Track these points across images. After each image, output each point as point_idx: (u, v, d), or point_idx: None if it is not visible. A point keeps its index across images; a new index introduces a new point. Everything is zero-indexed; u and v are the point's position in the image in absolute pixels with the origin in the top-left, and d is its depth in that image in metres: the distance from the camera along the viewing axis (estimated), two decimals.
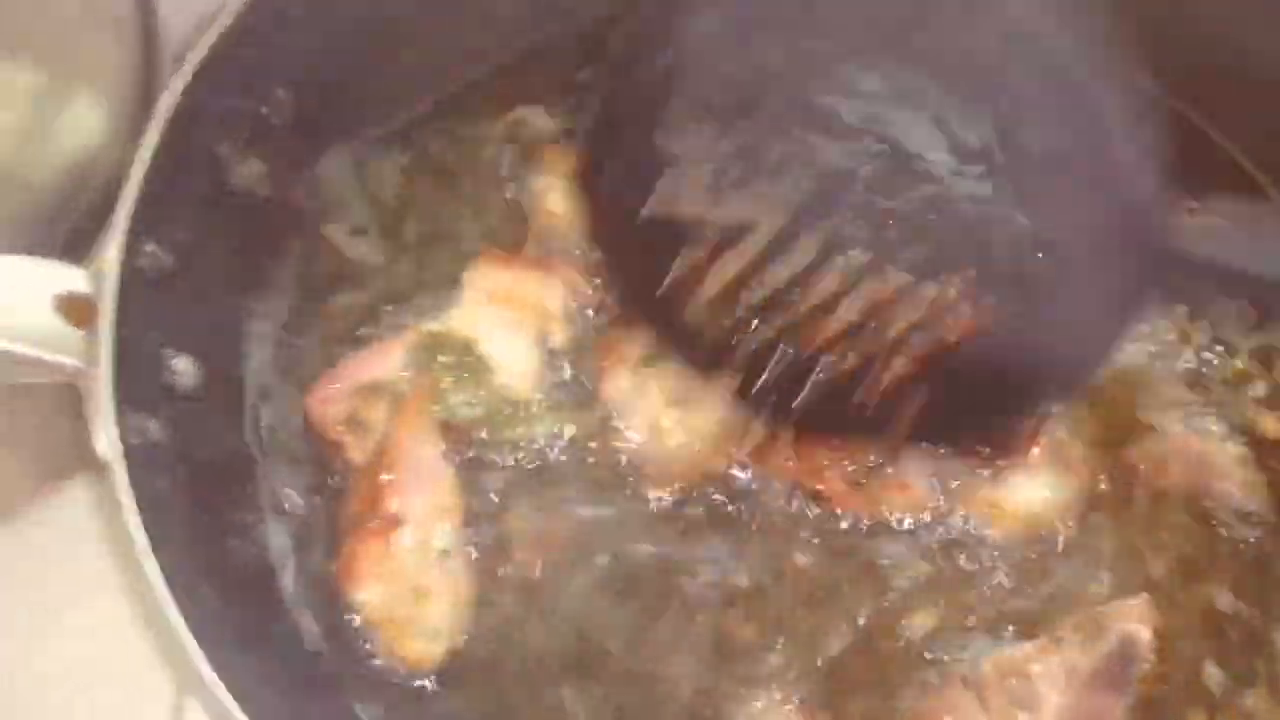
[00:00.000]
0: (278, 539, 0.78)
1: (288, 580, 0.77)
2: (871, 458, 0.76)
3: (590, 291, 0.82)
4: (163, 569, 0.64)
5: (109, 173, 0.87)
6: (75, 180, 0.85)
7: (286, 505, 0.79)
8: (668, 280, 0.73)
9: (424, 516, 0.75)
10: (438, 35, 0.87)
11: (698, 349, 0.74)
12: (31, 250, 0.81)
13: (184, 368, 0.73)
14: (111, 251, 0.69)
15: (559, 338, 0.81)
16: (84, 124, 0.87)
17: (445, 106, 0.90)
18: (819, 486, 0.76)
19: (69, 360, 0.68)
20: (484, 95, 0.90)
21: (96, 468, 0.75)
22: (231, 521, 0.75)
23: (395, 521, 0.74)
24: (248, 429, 0.80)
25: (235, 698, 0.63)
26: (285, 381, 0.81)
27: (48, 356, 0.67)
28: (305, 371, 0.81)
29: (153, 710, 0.84)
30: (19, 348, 0.66)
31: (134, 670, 0.84)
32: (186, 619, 0.63)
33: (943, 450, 0.76)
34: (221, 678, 0.63)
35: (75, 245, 0.83)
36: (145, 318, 0.70)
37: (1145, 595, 0.75)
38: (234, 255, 0.79)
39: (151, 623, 0.83)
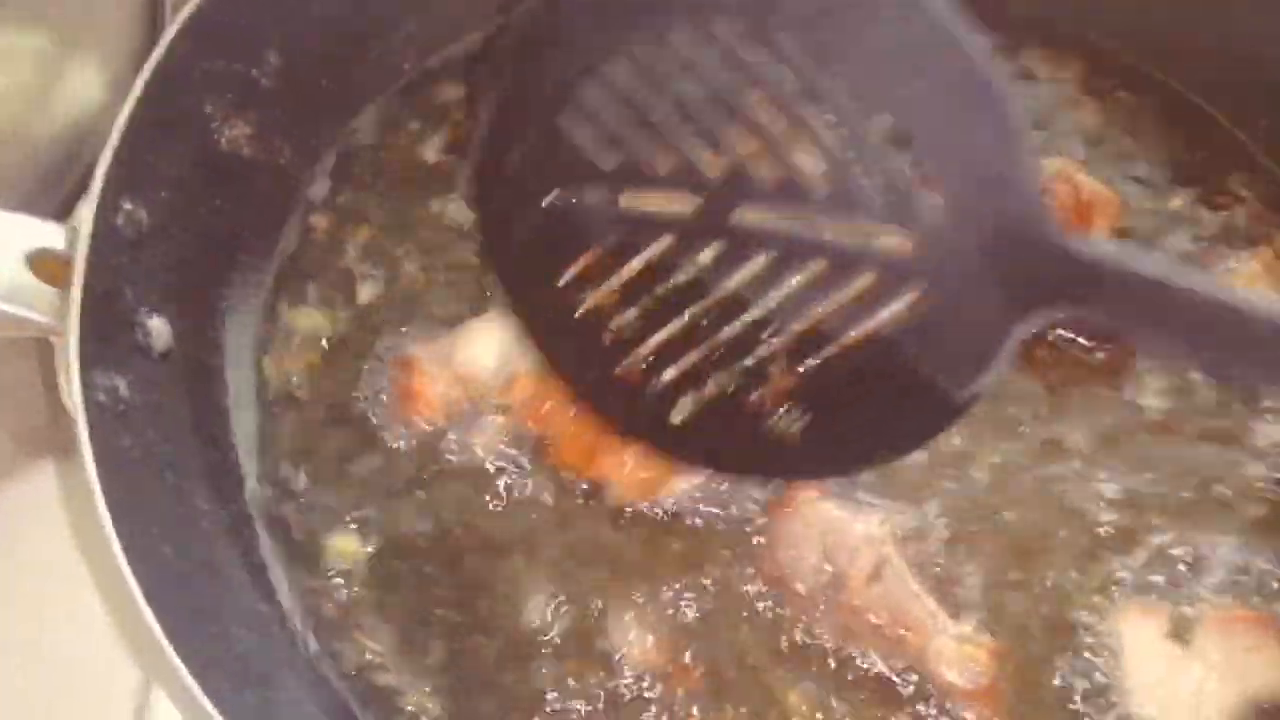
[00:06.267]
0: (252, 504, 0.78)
1: (263, 549, 0.77)
2: None
3: None
4: (121, 531, 0.62)
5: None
6: (76, 142, 0.85)
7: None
8: (566, 275, 0.69)
9: None
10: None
11: (585, 353, 0.71)
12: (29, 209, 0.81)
13: (158, 328, 0.72)
14: (87, 208, 0.68)
15: None
16: (86, 87, 0.87)
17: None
18: None
19: (39, 316, 0.67)
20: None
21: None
22: (200, 488, 0.74)
23: None
24: (225, 394, 0.79)
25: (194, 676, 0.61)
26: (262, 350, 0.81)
27: (17, 311, 0.66)
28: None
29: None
30: None
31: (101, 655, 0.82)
32: (144, 588, 0.61)
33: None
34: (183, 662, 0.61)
35: (75, 207, 0.83)
36: (120, 276, 0.69)
37: None
38: (216, 218, 0.78)
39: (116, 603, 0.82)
